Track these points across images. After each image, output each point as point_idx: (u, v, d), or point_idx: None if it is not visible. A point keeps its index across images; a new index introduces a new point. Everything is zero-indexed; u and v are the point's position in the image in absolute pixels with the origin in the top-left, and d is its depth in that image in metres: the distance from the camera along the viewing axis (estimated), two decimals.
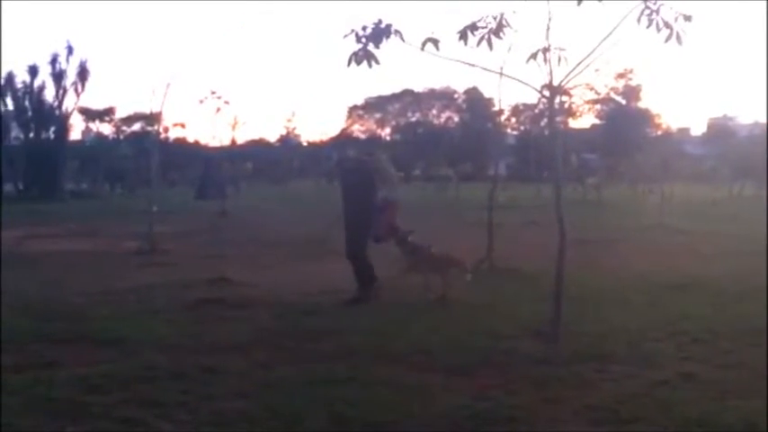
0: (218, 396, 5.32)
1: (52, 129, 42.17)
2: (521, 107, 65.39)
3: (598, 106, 53.15)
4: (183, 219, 22.66)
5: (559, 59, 6.45)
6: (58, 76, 42.23)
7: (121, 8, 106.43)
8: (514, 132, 69.26)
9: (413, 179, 60.64)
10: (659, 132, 55.58)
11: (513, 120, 69.35)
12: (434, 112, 79.13)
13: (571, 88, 7.09)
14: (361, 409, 4.95)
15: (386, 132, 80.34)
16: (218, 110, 28.97)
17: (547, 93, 6.88)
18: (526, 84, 6.87)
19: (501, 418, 4.84)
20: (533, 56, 6.48)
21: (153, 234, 15.11)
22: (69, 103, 43.23)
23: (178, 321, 7.90)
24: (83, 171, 49.78)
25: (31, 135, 42.26)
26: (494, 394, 5.30)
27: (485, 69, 6.90)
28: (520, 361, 6.13)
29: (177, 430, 4.69)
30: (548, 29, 6.48)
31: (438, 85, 76.43)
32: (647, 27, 6.17)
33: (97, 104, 58.35)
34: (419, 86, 79.37)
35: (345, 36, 6.29)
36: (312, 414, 4.86)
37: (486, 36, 6.43)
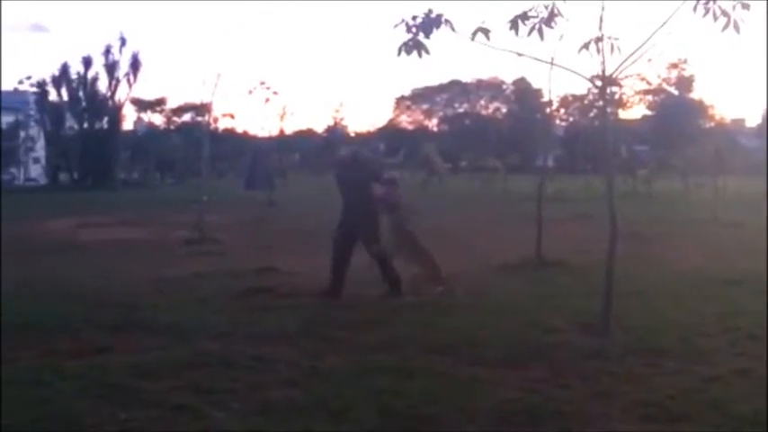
0: (267, 385, 5.37)
1: (105, 119, 42.90)
2: (570, 98, 64.60)
3: (649, 97, 52.26)
4: (232, 209, 22.88)
5: (612, 49, 6.35)
6: (111, 68, 42.95)
7: (173, 0, 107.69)
8: (563, 124, 68.47)
9: (460, 170, 60.37)
10: (712, 124, 54.45)
11: (562, 111, 68.56)
12: (482, 102, 78.66)
13: (622, 79, 6.95)
14: (409, 400, 4.94)
15: (433, 123, 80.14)
16: (267, 100, 29.16)
17: (598, 83, 6.78)
18: (578, 74, 6.78)
19: (550, 412, 4.79)
20: (585, 45, 6.39)
21: (203, 223, 15.30)
22: (122, 93, 43.98)
23: (227, 310, 7.99)
24: (134, 161, 50.56)
25: (85, 125, 43.05)
26: (543, 388, 5.26)
27: (536, 59, 6.82)
28: (569, 355, 6.07)
29: (228, 417, 4.73)
30: (601, 19, 6.38)
31: (486, 75, 75.98)
32: (704, 16, 6.03)
33: (149, 95, 59.10)
34: (467, 77, 78.97)
35: (396, 26, 6.28)
36: (360, 405, 4.87)
37: (538, 26, 6.36)
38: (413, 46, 6.34)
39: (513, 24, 6.36)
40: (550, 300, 8.29)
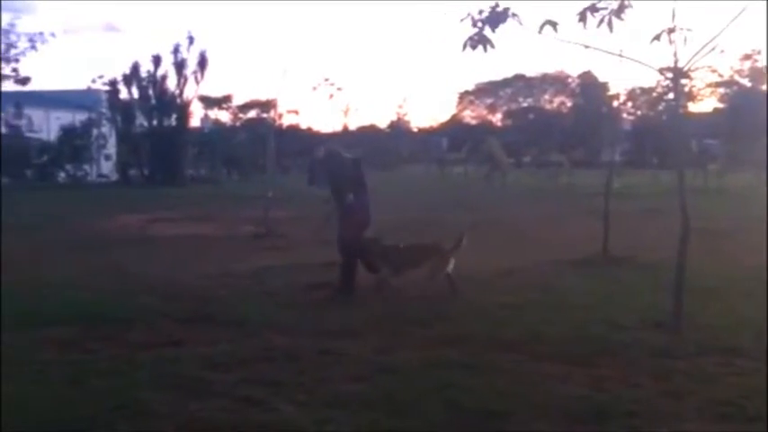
0: (333, 378, 5.42)
1: (174, 116, 43.64)
2: (637, 91, 63.26)
3: (721, 89, 50.85)
4: (297, 204, 23.05)
5: (685, 40, 6.20)
6: (180, 66, 43.64)
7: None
8: (630, 117, 67.13)
9: (524, 165, 59.79)
10: None
11: (629, 104, 67.19)
12: (547, 97, 77.65)
13: (693, 70, 6.78)
14: (477, 396, 4.93)
15: (497, 118, 79.46)
16: (331, 96, 29.38)
17: (669, 75, 6.63)
18: (649, 66, 6.64)
19: (621, 411, 4.71)
20: (657, 37, 6.25)
21: (269, 218, 15.49)
22: (190, 91, 44.67)
23: (294, 304, 8.08)
24: (201, 157, 51.38)
25: (155, 123, 43.87)
26: (613, 386, 5.18)
27: (605, 52, 6.70)
28: (640, 352, 5.96)
29: (295, 411, 4.79)
30: (673, 10, 6.24)
31: (551, 69, 74.99)
32: None
33: (216, 92, 60.05)
34: (531, 71, 78.00)
35: (461, 20, 6.25)
36: (427, 400, 4.88)
37: (607, 17, 6.25)
38: (478, 40, 6.30)
39: (582, 17, 6.27)
40: (619, 296, 8.15)
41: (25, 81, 38.83)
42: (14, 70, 36.36)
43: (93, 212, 20.98)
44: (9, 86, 40.12)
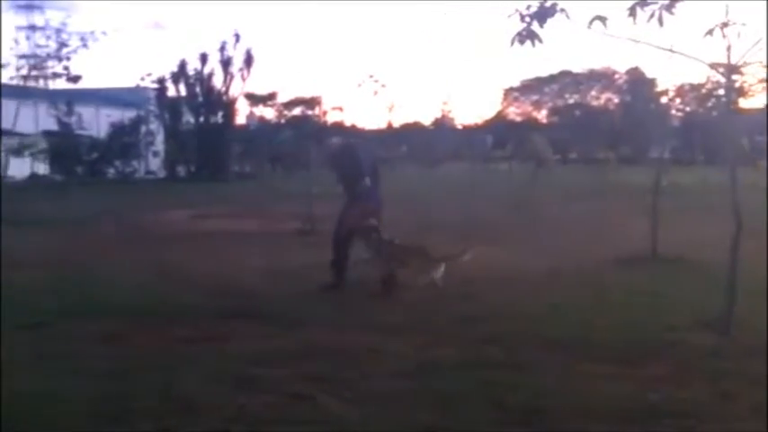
0: (378, 375, 5.41)
1: (220, 113, 44.18)
2: (686, 87, 62.18)
3: None
4: (341, 201, 23.15)
5: (739, 35, 6.06)
6: (226, 64, 44.14)
7: None
8: (678, 114, 66.02)
9: (570, 162, 59.23)
10: None
11: (678, 101, 66.09)
12: (593, 93, 76.79)
13: (745, 66, 6.62)
14: (522, 394, 4.88)
15: (542, 115, 78.84)
16: (376, 93, 29.42)
17: (721, 71, 6.49)
18: (701, 62, 6.51)
19: (671, 411, 4.63)
20: (710, 32, 6.12)
21: (312, 215, 15.55)
22: (236, 88, 45.15)
23: (338, 300, 8.10)
24: (246, 154, 51.87)
25: (201, 120, 44.45)
26: (662, 386, 5.08)
27: (655, 47, 6.58)
28: (689, 353, 5.85)
29: (341, 406, 4.80)
30: (726, 5, 6.10)
31: (597, 65, 74.17)
32: None
33: (261, 90, 60.55)
34: (577, 67, 77.33)
35: (509, 16, 6.19)
36: (473, 398, 4.85)
37: (658, 12, 6.13)
38: (526, 36, 6.23)
39: (632, 12, 6.16)
40: (668, 296, 8.01)
41: (76, 79, 39.55)
42: (66, 68, 37.05)
43: (141, 208, 21.33)
44: (61, 84, 41.01)
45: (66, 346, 6.18)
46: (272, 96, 62.49)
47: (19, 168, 38.01)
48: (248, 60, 44.09)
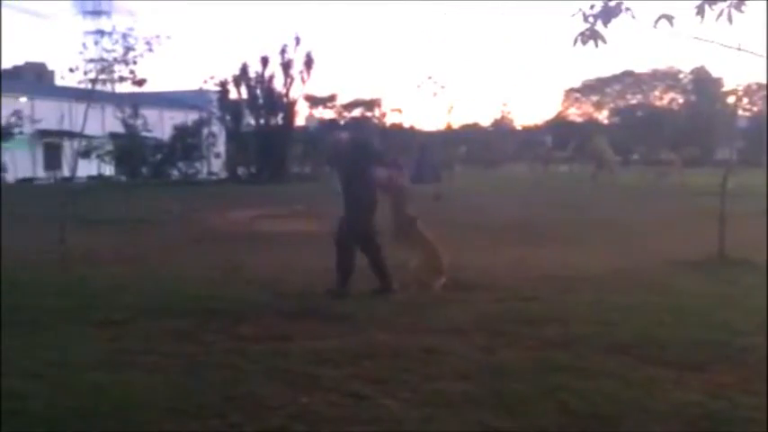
0: (439, 377, 5.40)
1: (280, 115, 44.69)
2: (753, 87, 60.59)
3: None
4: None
5: None
6: (287, 66, 44.63)
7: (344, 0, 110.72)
8: (746, 114, 64.36)
9: (632, 164, 58.26)
10: None
11: (745, 100, 64.43)
12: (657, 93, 75.44)
13: None
14: (588, 399, 4.82)
15: (603, 115, 77.77)
16: (435, 94, 29.39)
17: None
18: None
19: (738, 418, 4.53)
20: None
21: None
22: (296, 90, 45.60)
23: (398, 301, 8.12)
24: (306, 155, 52.35)
25: (262, 122, 45.01)
26: (729, 393, 4.96)
27: (723, 46, 6.44)
28: (758, 359, 5.69)
29: (401, 408, 4.81)
30: None
31: (661, 64, 72.78)
32: None
33: (321, 92, 61.10)
34: (639, 67, 76.06)
35: (572, 15, 6.12)
36: (536, 401, 4.81)
37: (727, 9, 6.00)
38: (589, 36, 6.15)
39: (700, 9, 6.03)
40: (735, 300, 7.84)
41: (141, 83, 40.34)
42: (132, 72, 37.84)
43: (204, 208, 21.74)
44: (126, 88, 41.91)
45: (141, 343, 6.34)
46: (331, 98, 63.04)
47: (86, 169, 39.10)
48: (308, 63, 44.49)
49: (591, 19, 6.09)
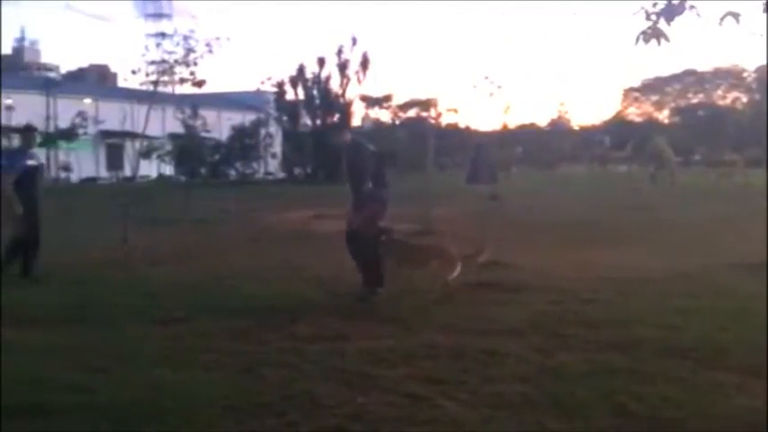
0: (497, 378, 5.38)
1: (336, 116, 44.97)
2: None
3: None
4: (455, 202, 23.10)
5: None
6: (343, 67, 44.93)
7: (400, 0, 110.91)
8: None
9: (693, 164, 57.07)
10: None
11: None
12: (719, 92, 73.80)
13: None
14: (646, 403, 4.75)
15: (664, 115, 76.40)
16: (491, 94, 29.23)
17: None
18: None
19: None
20: None
21: (430, 215, 15.57)
22: (352, 91, 45.86)
23: (455, 302, 8.08)
24: None
25: (318, 122, 45.35)
26: None
27: None
28: None
29: (459, 409, 4.79)
30: None
31: (724, 63, 71.15)
32: None
33: (376, 92, 61.25)
34: (701, 65, 74.51)
35: (634, 14, 6.02)
36: (594, 404, 4.75)
37: None
38: (652, 34, 6.05)
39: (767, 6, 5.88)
40: None
41: (201, 84, 40.99)
42: (192, 74, 38.50)
43: (262, 208, 22.01)
44: (186, 89, 42.67)
45: (200, 341, 6.46)
46: (387, 98, 63.13)
47: (146, 169, 39.92)
48: (364, 63, 44.73)
49: (653, 17, 6.00)
